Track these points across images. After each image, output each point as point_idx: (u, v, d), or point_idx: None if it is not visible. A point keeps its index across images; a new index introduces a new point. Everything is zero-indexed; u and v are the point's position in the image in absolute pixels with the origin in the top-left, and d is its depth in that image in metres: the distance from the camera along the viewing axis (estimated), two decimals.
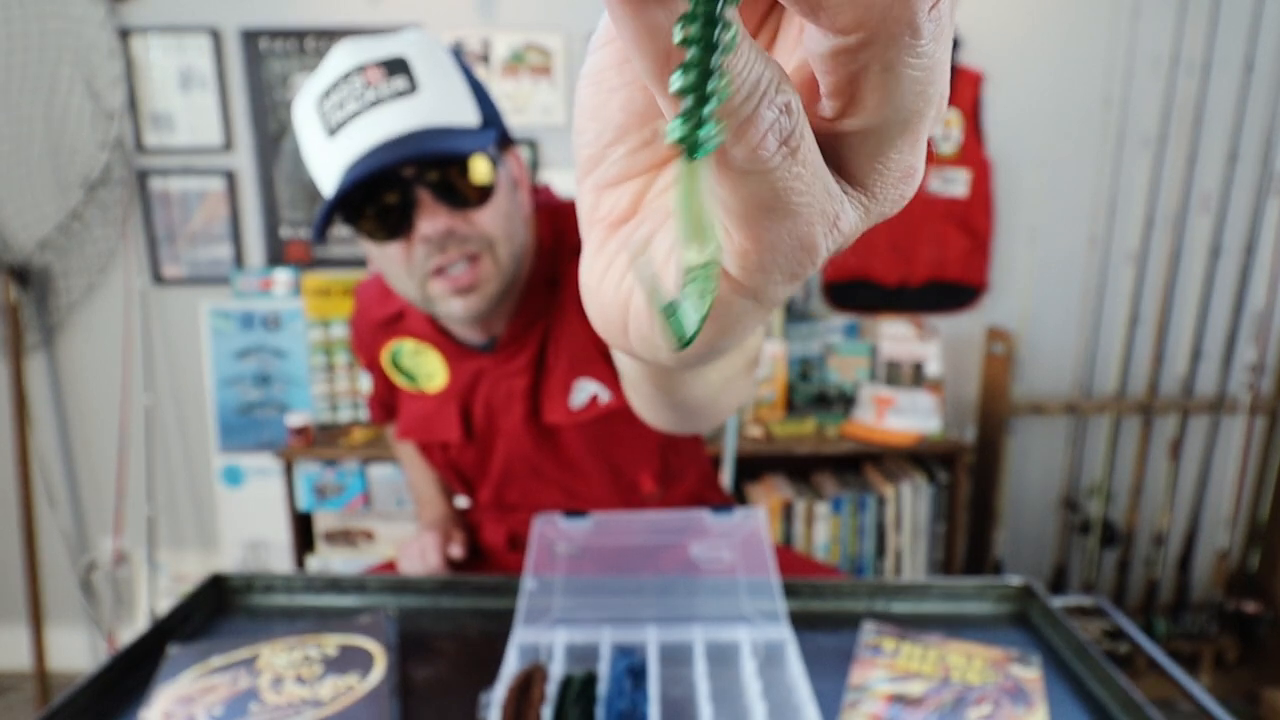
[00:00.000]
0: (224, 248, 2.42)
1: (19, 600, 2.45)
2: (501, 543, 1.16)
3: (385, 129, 0.81)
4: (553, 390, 1.01)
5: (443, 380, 1.05)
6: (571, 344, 0.99)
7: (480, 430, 1.06)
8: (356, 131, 0.81)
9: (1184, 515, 2.42)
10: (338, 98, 0.82)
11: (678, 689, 0.78)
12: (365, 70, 0.81)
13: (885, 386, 2.34)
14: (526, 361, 1.01)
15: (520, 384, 1.01)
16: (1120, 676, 0.76)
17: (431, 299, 0.89)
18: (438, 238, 0.83)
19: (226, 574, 0.99)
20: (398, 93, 0.81)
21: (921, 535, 2.20)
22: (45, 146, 2.33)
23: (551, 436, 1.05)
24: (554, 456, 1.06)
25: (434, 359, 1.04)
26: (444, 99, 0.84)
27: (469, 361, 1.03)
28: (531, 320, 1.00)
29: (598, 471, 1.07)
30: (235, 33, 2.30)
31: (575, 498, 1.10)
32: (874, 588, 0.97)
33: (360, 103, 0.81)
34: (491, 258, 0.87)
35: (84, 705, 0.76)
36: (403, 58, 0.82)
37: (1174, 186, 2.30)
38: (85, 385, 2.51)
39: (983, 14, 2.29)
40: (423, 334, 1.05)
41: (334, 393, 2.32)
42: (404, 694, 0.79)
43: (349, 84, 0.81)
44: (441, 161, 0.82)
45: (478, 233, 0.86)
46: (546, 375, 1.01)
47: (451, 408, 1.04)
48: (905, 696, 0.77)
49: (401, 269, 0.87)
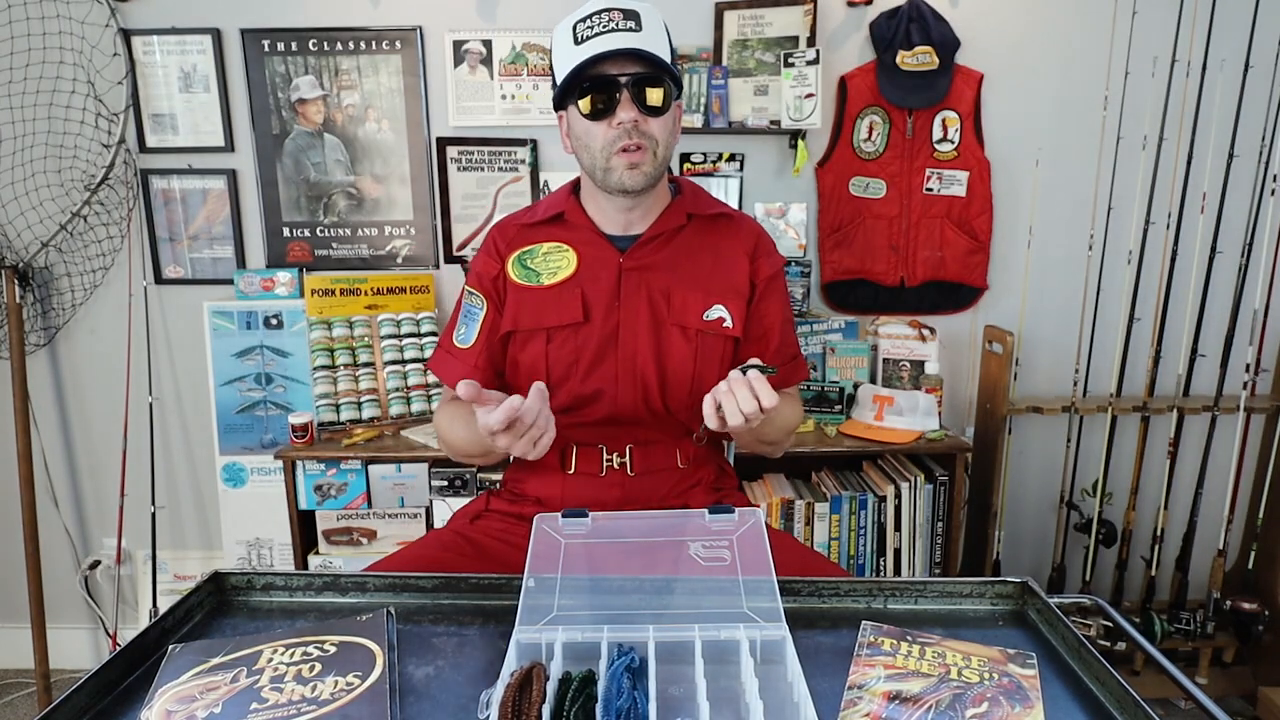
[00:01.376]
0: (225, 248, 2.42)
1: (22, 599, 2.45)
2: (554, 459, 1.30)
3: (615, 43, 1.15)
4: (689, 300, 1.27)
5: (569, 272, 1.28)
6: (714, 275, 1.29)
7: (595, 313, 1.26)
8: (596, 43, 1.15)
9: (1181, 514, 2.42)
10: (588, 23, 1.17)
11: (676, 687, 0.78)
12: (610, 11, 1.16)
13: (884, 386, 2.34)
14: (663, 262, 1.28)
15: (655, 280, 1.27)
16: (1118, 675, 0.76)
17: (610, 168, 1.20)
18: (628, 123, 1.17)
19: (227, 572, 0.99)
20: (629, 29, 1.16)
21: (920, 534, 2.19)
22: (48, 147, 2.33)
23: (660, 332, 1.27)
24: (654, 351, 1.26)
25: (566, 256, 1.29)
26: (656, 42, 1.18)
27: (606, 252, 1.28)
28: (667, 235, 1.29)
29: (677, 385, 1.27)
30: (236, 34, 2.30)
31: (637, 421, 1.28)
32: (873, 586, 0.97)
33: (603, 28, 1.16)
34: (653, 153, 1.20)
35: (86, 703, 0.76)
36: (637, 10, 1.17)
37: (1172, 187, 2.30)
38: (88, 385, 2.51)
39: (982, 16, 2.29)
40: (571, 230, 1.31)
41: (335, 392, 2.31)
42: (404, 692, 0.79)
43: (598, 17, 1.16)
44: (641, 76, 1.16)
45: (651, 132, 1.19)
46: (683, 286, 1.27)
47: (574, 292, 1.26)
48: (903, 695, 0.77)
49: (597, 143, 1.19)
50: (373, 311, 2.36)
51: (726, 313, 1.28)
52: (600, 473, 1.29)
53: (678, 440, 1.32)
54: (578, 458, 1.30)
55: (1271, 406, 2.34)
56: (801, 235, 2.38)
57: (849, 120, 2.34)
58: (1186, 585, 2.40)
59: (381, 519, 2.26)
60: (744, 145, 2.37)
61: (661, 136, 1.21)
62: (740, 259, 1.31)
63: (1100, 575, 2.49)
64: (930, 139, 2.33)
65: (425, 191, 2.39)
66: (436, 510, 2.22)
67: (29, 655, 2.44)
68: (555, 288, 1.27)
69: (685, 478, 1.32)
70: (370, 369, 2.34)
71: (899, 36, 2.22)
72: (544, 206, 1.35)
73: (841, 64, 2.33)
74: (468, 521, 1.32)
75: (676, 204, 1.32)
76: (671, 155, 1.28)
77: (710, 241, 1.32)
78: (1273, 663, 2.39)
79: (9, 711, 2.47)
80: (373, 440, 2.25)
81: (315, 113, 2.34)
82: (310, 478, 2.21)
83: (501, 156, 2.37)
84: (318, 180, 2.39)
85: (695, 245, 1.31)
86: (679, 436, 1.32)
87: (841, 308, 2.46)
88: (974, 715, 0.74)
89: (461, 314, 1.36)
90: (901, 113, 2.32)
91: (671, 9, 2.29)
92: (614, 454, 1.30)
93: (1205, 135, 2.25)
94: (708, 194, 1.38)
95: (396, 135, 2.36)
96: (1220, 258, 2.29)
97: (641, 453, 1.30)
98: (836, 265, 2.41)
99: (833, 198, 2.37)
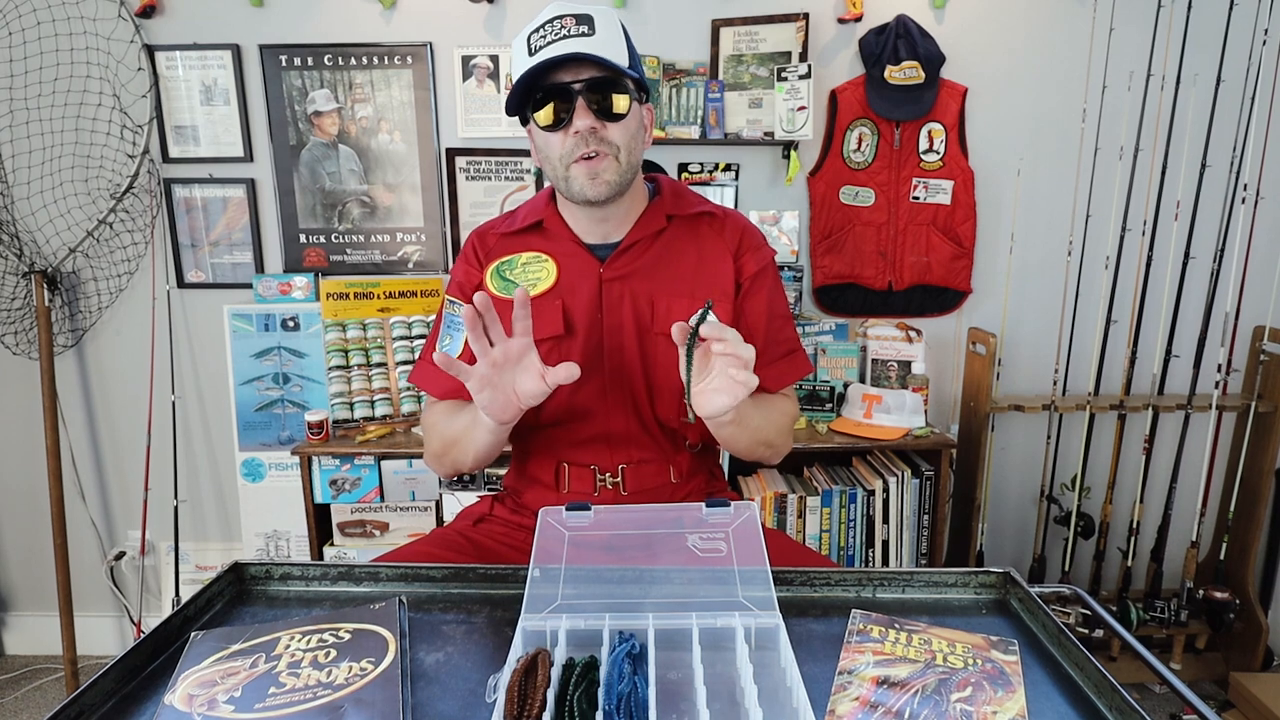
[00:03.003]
0: (245, 253, 2.42)
1: (51, 588, 2.45)
2: (549, 476, 1.25)
3: (566, 49, 1.07)
4: (673, 306, 1.18)
5: (549, 284, 1.21)
6: (698, 278, 1.21)
7: (578, 326, 1.19)
8: (548, 51, 1.07)
9: (1157, 508, 2.42)
10: (541, 33, 1.09)
11: (675, 673, 0.78)
12: (563, 18, 1.09)
13: (873, 385, 2.34)
14: (644, 269, 1.20)
15: (637, 288, 1.19)
16: (1096, 661, 0.76)
17: (570, 178, 1.12)
18: (585, 131, 1.09)
19: (247, 563, 0.99)
20: (582, 34, 1.08)
21: (907, 527, 2.19)
22: (76, 158, 2.33)
23: (646, 341, 1.19)
24: (641, 361, 1.19)
25: (546, 267, 1.22)
26: (611, 45, 1.09)
27: (585, 262, 1.20)
28: (647, 240, 1.21)
29: (666, 394, 1.20)
30: (255, 49, 2.30)
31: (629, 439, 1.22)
32: (862, 576, 0.97)
33: (555, 35, 1.08)
34: (615, 159, 1.12)
35: (112, 688, 0.76)
36: (590, 15, 1.09)
37: (1147, 195, 2.30)
38: (113, 385, 2.51)
39: (967, 33, 2.29)
40: (549, 239, 1.23)
41: (350, 391, 2.31)
42: (415, 677, 0.79)
43: (550, 25, 1.09)
44: (596, 81, 1.08)
45: (611, 138, 1.11)
46: (667, 292, 1.19)
47: (555, 305, 1.19)
48: (891, 680, 0.77)
49: (556, 152, 1.12)
50: (385, 314, 2.36)
51: (713, 316, 1.21)
52: (594, 492, 1.23)
53: (670, 458, 1.25)
54: (570, 478, 1.24)
55: (1242, 405, 2.34)
56: (794, 241, 2.38)
57: (839, 132, 2.34)
58: (1161, 575, 2.40)
59: (394, 512, 2.26)
60: (739, 156, 2.37)
61: (623, 142, 1.12)
62: (724, 258, 1.22)
63: (1079, 565, 2.49)
64: (917, 150, 2.33)
65: (435, 200, 2.39)
66: (446, 504, 2.22)
67: (57, 642, 2.44)
68: (535, 300, 1.18)
69: (677, 491, 1.26)
70: (383, 369, 2.34)
71: (887, 52, 2.22)
72: (523, 214, 1.27)
73: (832, 78, 2.33)
74: (471, 524, 1.28)
75: (655, 206, 1.23)
76: (639, 160, 1.18)
77: (693, 243, 1.23)
78: (1243, 649, 2.39)
79: (39, 695, 2.47)
80: (385, 437, 2.25)
81: (330, 124, 2.34)
82: (325, 473, 2.21)
83: (508, 166, 2.37)
84: (333, 189, 2.39)
85: (677, 248, 1.23)
86: (671, 453, 1.25)
87: (832, 311, 2.46)
88: (958, 699, 0.74)
89: (444, 324, 1.26)
90: (889, 125, 2.32)
91: (670, 25, 2.30)
92: (606, 473, 1.23)
93: (1179, 146, 2.25)
94: (689, 192, 1.29)
95: (408, 146, 2.36)
96: (1194, 263, 2.29)
97: (634, 472, 1.23)
98: (827, 270, 2.41)
99: (824, 206, 2.37)
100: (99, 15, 2.25)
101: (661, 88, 2.31)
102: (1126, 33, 2.23)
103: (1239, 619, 2.34)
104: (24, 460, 2.53)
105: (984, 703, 0.73)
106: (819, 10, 2.29)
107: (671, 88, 2.31)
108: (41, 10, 2.24)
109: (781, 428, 1.23)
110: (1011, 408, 2.37)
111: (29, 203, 2.34)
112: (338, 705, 0.71)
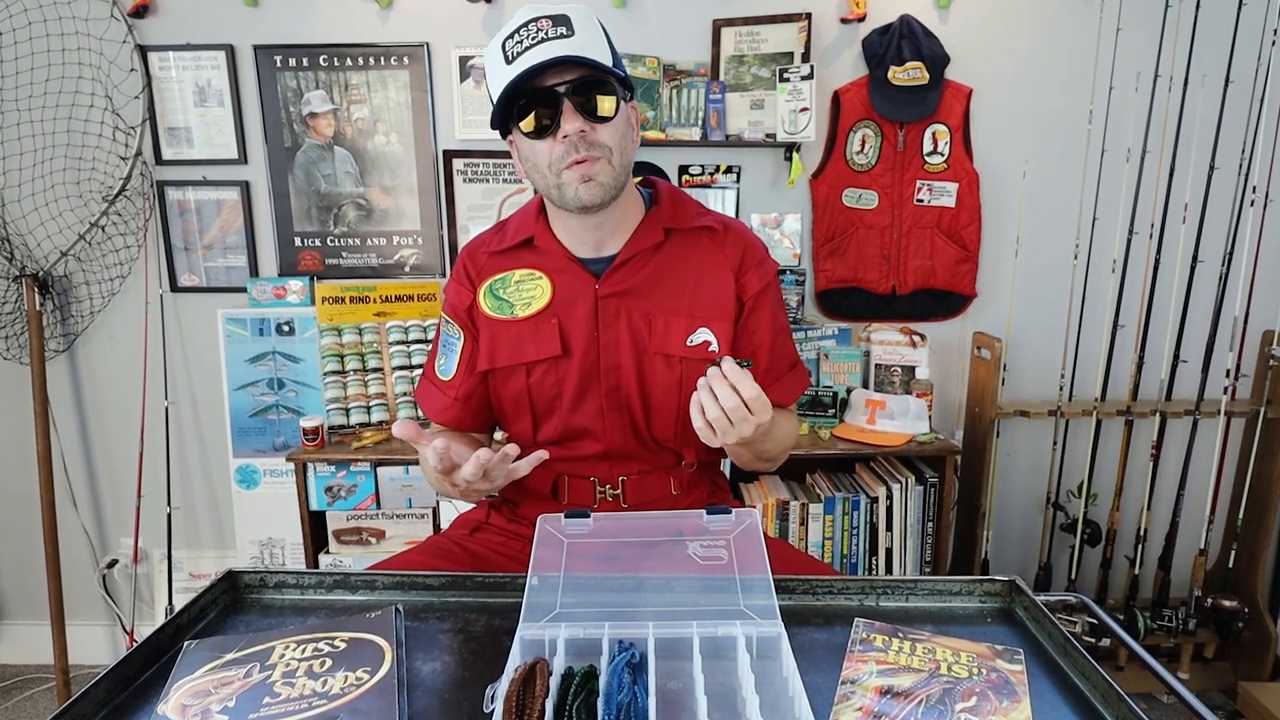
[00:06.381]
0: (239, 257, 2.42)
1: (42, 597, 2.45)
2: (546, 489, 1.24)
3: (547, 53, 1.03)
4: (671, 326, 1.17)
5: (544, 302, 1.18)
6: (697, 297, 1.18)
7: (574, 347, 1.17)
8: (528, 56, 1.04)
9: (1164, 515, 2.42)
10: (516, 39, 1.05)
11: (675, 682, 0.78)
12: (538, 20, 1.05)
13: (876, 391, 2.34)
14: (641, 286, 1.17)
15: (634, 306, 1.17)
16: (1102, 670, 0.76)
17: (562, 185, 1.09)
18: (575, 135, 1.05)
19: (241, 571, 0.99)
20: (560, 35, 1.04)
21: (911, 534, 2.19)
22: (68, 159, 2.34)
23: (643, 361, 1.17)
24: (638, 381, 1.18)
25: (540, 285, 1.19)
26: (591, 45, 1.06)
27: (580, 279, 1.17)
28: (644, 255, 1.18)
29: (663, 414, 1.19)
30: (249, 50, 2.30)
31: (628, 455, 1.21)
32: (865, 585, 0.97)
33: (532, 40, 1.04)
34: (608, 161, 1.08)
35: (104, 698, 0.77)
36: (567, 15, 1.06)
37: (1154, 198, 2.30)
38: (106, 390, 2.51)
39: (971, 33, 2.29)
40: (541, 255, 1.20)
41: (345, 396, 2.32)
42: (411, 686, 0.79)
43: (525, 30, 1.05)
44: (581, 82, 1.05)
45: (601, 140, 1.07)
46: (664, 311, 1.17)
47: (551, 324, 1.17)
48: (895, 689, 0.77)
49: (544, 160, 1.08)
50: (381, 318, 2.37)
51: (712, 336, 1.17)
52: (593, 504, 1.23)
53: (670, 469, 1.25)
54: (570, 490, 1.24)
55: (1251, 410, 2.34)
56: (796, 245, 2.38)
57: (842, 133, 2.35)
58: (1169, 583, 2.40)
59: (390, 519, 2.26)
60: (740, 158, 2.38)
61: (615, 143, 1.09)
62: (725, 277, 1.19)
63: (1085, 574, 2.49)
64: (921, 151, 2.33)
65: (432, 203, 2.40)
66: (443, 511, 2.22)
67: (49, 651, 2.44)
68: (531, 320, 1.18)
69: (679, 503, 1.25)
70: (379, 374, 2.35)
71: (890, 52, 2.23)
72: (512, 230, 1.24)
73: (835, 79, 2.33)
74: (468, 532, 1.28)
75: (652, 217, 1.19)
76: (631, 161, 1.14)
77: (693, 259, 1.19)
78: (1252, 658, 2.39)
79: (30, 705, 2.47)
80: (381, 443, 2.25)
81: (326, 126, 2.35)
82: (321, 479, 2.22)
83: (506, 168, 2.38)
84: (328, 191, 2.39)
85: (676, 265, 1.19)
86: (671, 465, 1.25)
87: (835, 315, 2.46)
88: (963, 709, 0.74)
89: (441, 343, 1.28)
90: (893, 126, 2.32)
91: (671, 26, 2.30)
92: (606, 485, 1.23)
93: (1187, 148, 2.25)
94: (691, 202, 1.25)
95: (405, 148, 2.37)
96: (1201, 267, 2.29)
97: (634, 484, 1.23)
98: (830, 274, 2.41)
99: (826, 208, 2.38)
100: (91, 15, 2.25)
101: (662, 89, 2.31)
102: (1133, 33, 2.23)
103: (1248, 628, 2.33)
104: (15, 467, 2.53)
105: (989, 713, 0.73)
106: (821, 10, 2.29)
107: (672, 89, 2.32)
108: (33, 10, 2.24)
109: (784, 444, 1.24)
110: (1017, 413, 2.37)
111: (20, 205, 2.34)
112: (333, 715, 0.71)
